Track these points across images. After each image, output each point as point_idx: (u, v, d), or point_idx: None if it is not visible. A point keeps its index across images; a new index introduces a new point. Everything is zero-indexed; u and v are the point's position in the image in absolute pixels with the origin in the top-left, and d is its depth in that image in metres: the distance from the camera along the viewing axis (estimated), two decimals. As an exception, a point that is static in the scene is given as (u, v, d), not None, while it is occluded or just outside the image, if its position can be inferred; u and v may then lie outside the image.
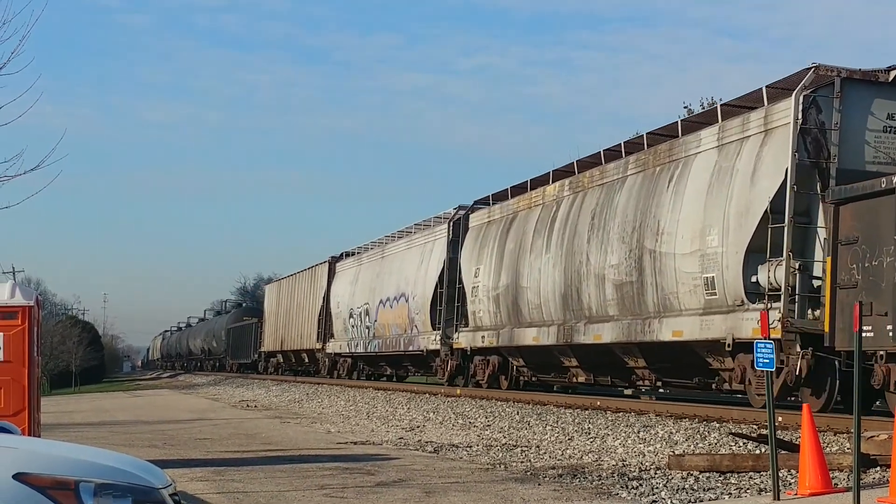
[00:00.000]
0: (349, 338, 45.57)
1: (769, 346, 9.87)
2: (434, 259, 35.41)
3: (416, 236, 39.03)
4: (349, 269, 47.77)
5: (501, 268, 29.11)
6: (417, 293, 36.38)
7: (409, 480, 11.92)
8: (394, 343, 39.17)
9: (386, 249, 42.57)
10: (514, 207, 29.88)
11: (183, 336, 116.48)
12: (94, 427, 23.84)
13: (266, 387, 44.98)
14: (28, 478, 4.73)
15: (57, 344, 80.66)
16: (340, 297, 47.39)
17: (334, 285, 49.10)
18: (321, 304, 50.51)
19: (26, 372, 12.89)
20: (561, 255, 25.54)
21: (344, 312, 46.52)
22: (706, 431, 16.10)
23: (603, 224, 23.67)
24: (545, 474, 12.37)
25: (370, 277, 43.08)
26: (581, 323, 24.43)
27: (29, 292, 13.45)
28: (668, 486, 11.00)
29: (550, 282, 26.01)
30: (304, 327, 53.58)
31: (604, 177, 24.85)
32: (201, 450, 16.60)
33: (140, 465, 5.33)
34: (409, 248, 39.06)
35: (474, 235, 32.28)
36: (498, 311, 29.38)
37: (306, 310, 53.64)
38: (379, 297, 41.10)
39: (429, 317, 35.21)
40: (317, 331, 50.80)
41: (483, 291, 30.44)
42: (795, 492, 9.93)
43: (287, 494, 10.84)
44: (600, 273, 23.55)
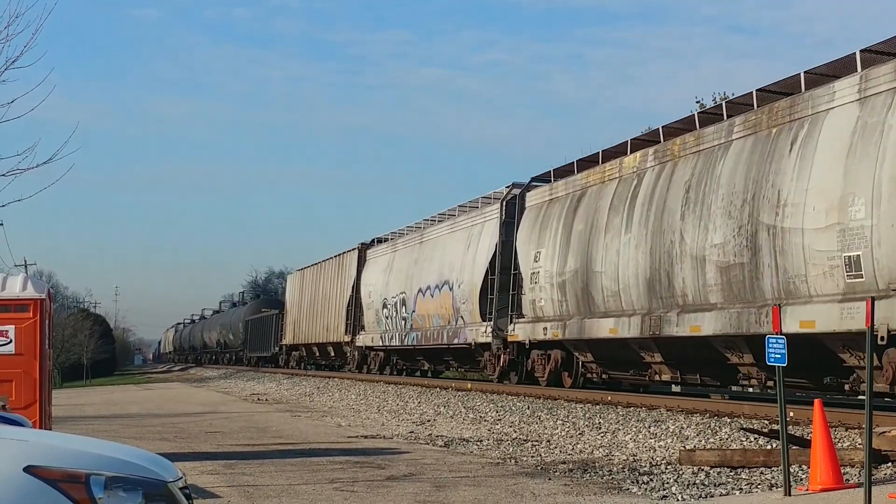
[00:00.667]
0: (382, 330, 42.32)
1: (781, 340, 9.84)
2: (483, 243, 32.25)
3: (460, 219, 35.47)
4: (382, 255, 44.16)
5: (568, 251, 25.80)
6: (464, 280, 33.17)
7: (420, 474, 11.92)
8: (435, 335, 35.89)
9: (425, 234, 39.05)
10: (582, 183, 26.33)
11: (197, 329, 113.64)
12: (105, 420, 23.89)
13: (277, 380, 45.03)
14: (39, 470, 4.74)
15: (68, 337, 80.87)
16: (372, 287, 44.00)
17: (365, 274, 45.80)
18: (350, 293, 47.46)
19: (38, 365, 12.92)
20: (645, 234, 22.24)
21: (376, 303, 43.10)
22: (717, 426, 16.08)
23: (701, 197, 20.37)
24: (556, 469, 12.36)
25: (407, 264, 39.75)
26: (672, 312, 20.99)
27: (41, 285, 13.48)
28: (678, 481, 10.99)
29: (632, 265, 22.72)
30: (331, 319, 50.70)
31: (700, 143, 21.26)
32: (212, 443, 16.62)
33: (151, 458, 5.34)
34: (453, 231, 35.62)
35: (533, 216, 28.73)
36: (564, 299, 26.08)
37: (333, 300, 50.64)
38: (417, 285, 37.83)
39: (477, 306, 32.04)
40: (345, 323, 47.98)
41: (545, 278, 27.10)
42: (806, 487, 9.91)
43: (297, 488, 10.85)
44: (698, 254, 20.24)
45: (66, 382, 71.67)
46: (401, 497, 10.14)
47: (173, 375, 76.58)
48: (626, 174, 24.08)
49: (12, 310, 12.94)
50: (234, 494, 10.41)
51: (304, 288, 58.02)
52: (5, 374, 12.74)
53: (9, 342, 12.87)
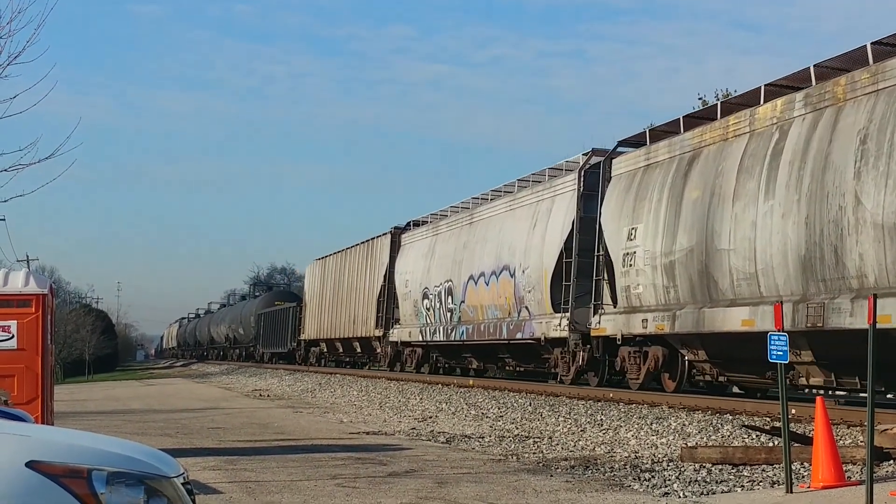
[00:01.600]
0: (422, 323, 37.21)
1: (783, 338, 9.84)
2: (556, 221, 27.13)
3: (523, 194, 30.36)
4: (420, 240, 39.04)
5: (678, 225, 21.05)
6: (529, 265, 28.12)
7: (422, 471, 11.93)
8: (491, 329, 30.80)
9: (476, 214, 33.78)
10: (693, 142, 21.51)
11: (203, 323, 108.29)
12: (107, 415, 23.92)
13: (279, 376, 45.05)
14: (41, 465, 4.74)
15: (70, 332, 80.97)
16: (410, 275, 38.81)
17: (400, 261, 40.72)
18: (381, 283, 42.65)
19: (40, 360, 12.95)
20: (797, 200, 17.69)
21: (415, 293, 38.06)
22: (719, 424, 16.08)
23: (888, 149, 15.88)
24: (557, 466, 12.36)
25: (453, 249, 34.68)
26: (843, 298, 16.49)
27: (43, 280, 13.50)
28: (680, 478, 10.99)
29: (777, 240, 18.10)
30: (358, 311, 45.72)
31: (879, 79, 16.58)
32: (214, 439, 16.64)
33: (152, 453, 5.34)
34: (513, 208, 30.47)
35: (623, 185, 23.73)
36: (672, 284, 21.26)
37: (361, 291, 45.76)
38: (468, 272, 32.72)
39: (548, 295, 27.02)
40: (375, 316, 43.02)
41: (644, 259, 22.22)
42: (808, 485, 9.91)
43: (299, 484, 10.85)
44: (886, 221, 15.74)
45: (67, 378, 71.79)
46: (402, 493, 10.15)
47: (175, 371, 76.64)
48: (762, 127, 19.42)
49: (14, 305, 12.96)
50: (236, 490, 10.41)
51: (325, 278, 53.19)
52: (7, 369, 12.77)
53: (11, 337, 12.89)
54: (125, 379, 63.95)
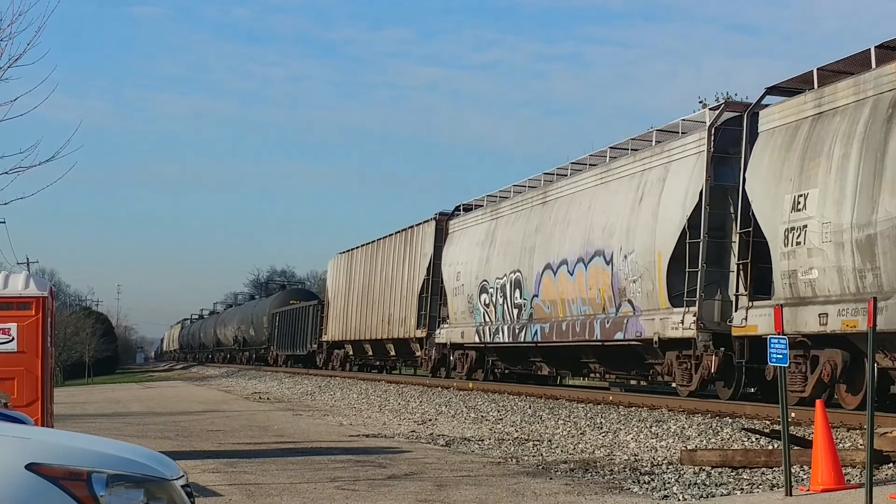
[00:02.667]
0: (479, 322, 31.87)
1: (783, 341, 9.84)
2: (673, 191, 21.86)
3: (621, 163, 24.66)
4: (474, 225, 33.67)
5: (879, 187, 16.18)
6: (635, 248, 22.81)
7: (421, 474, 11.93)
8: (577, 328, 25.31)
9: (551, 191, 28.30)
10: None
11: (208, 324, 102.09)
12: (107, 418, 23.91)
13: (279, 379, 45.04)
14: (40, 468, 4.74)
15: (70, 335, 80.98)
16: (462, 266, 33.35)
17: (448, 251, 35.25)
18: (424, 277, 37.35)
19: (39, 362, 12.95)
20: None
21: (469, 286, 32.72)
22: (719, 426, 16.08)
23: None
24: (557, 468, 12.36)
25: (521, 234, 29.32)
26: None
27: (43, 283, 13.50)
28: (680, 480, 10.99)
29: None
30: (394, 310, 40.57)
31: None
32: (214, 441, 16.63)
33: (152, 456, 5.34)
34: (606, 181, 25.04)
35: (782, 141, 18.79)
36: (871, 266, 16.28)
37: (398, 287, 40.43)
38: (542, 260, 27.45)
39: (663, 285, 21.81)
40: (416, 314, 37.72)
41: (822, 234, 17.32)
42: (808, 488, 9.91)
43: (299, 487, 10.85)
44: None
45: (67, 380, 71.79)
46: (402, 496, 10.15)
47: (175, 374, 76.63)
48: None
49: (14, 307, 12.97)
50: (236, 493, 10.41)
51: (353, 273, 47.83)
52: (7, 371, 12.77)
53: (11, 340, 12.89)
54: (125, 382, 63.93)
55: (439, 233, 36.81)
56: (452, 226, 36.01)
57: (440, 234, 36.75)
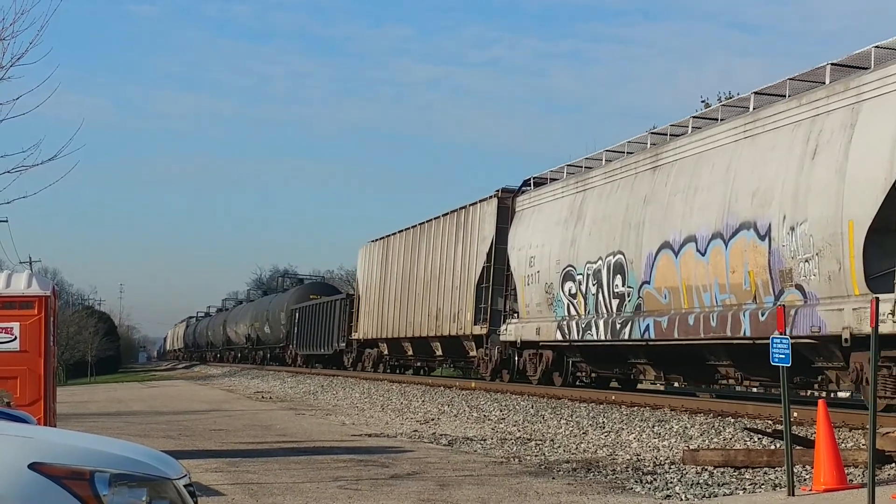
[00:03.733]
0: (560, 316, 26.24)
1: (785, 340, 9.84)
2: (868, 140, 16.59)
3: (776, 110, 19.13)
4: (553, 200, 27.83)
5: None
6: (808, 217, 17.55)
7: (424, 473, 11.93)
8: (714, 322, 19.74)
9: (665, 153, 22.59)
10: None
11: (216, 322, 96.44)
12: (110, 417, 23.93)
13: (281, 378, 45.04)
14: (43, 467, 4.75)
15: (73, 334, 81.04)
16: (537, 250, 27.92)
17: (516, 232, 29.65)
18: (483, 264, 31.87)
19: (42, 362, 12.96)
20: None
21: (547, 274, 27.04)
22: (721, 426, 16.08)
23: None
24: (559, 468, 12.36)
25: (622, 207, 23.65)
26: None
27: (45, 282, 13.51)
28: (682, 480, 10.99)
29: None
30: (444, 303, 35.19)
31: None
32: (216, 441, 16.64)
33: (155, 455, 5.35)
34: (752, 134, 19.74)
35: None
36: None
37: (448, 276, 35.02)
38: (656, 238, 21.89)
39: (855, 264, 16.55)
40: (474, 308, 32.20)
41: None
42: (810, 487, 9.91)
43: (301, 486, 10.86)
44: None
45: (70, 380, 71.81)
46: (404, 496, 10.15)
47: (177, 373, 76.64)
48: None
49: (17, 307, 12.97)
50: (238, 492, 10.42)
51: (389, 262, 42.59)
52: (10, 370, 12.78)
53: (13, 339, 12.90)
54: (127, 381, 63.96)
55: (503, 212, 31.23)
56: (521, 203, 30.16)
57: (504, 213, 31.17)
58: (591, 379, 27.53)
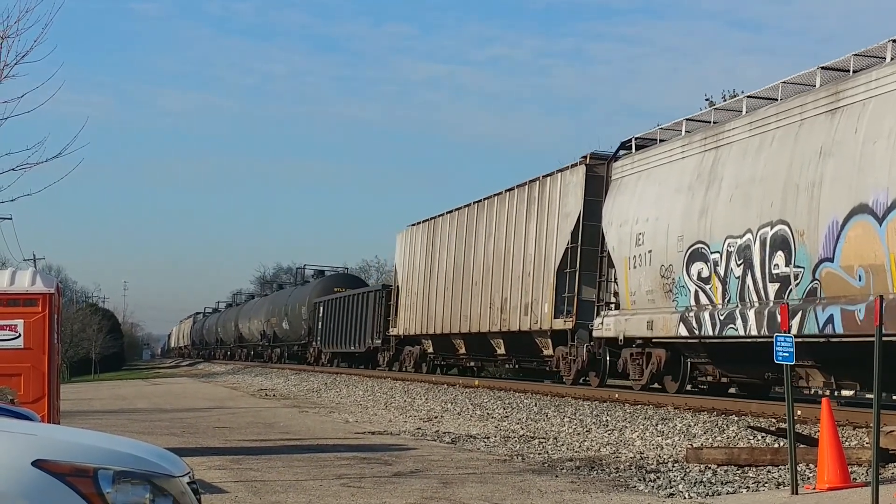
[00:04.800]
0: (684, 305, 21.10)
1: (789, 339, 9.83)
2: None
3: None
4: (669, 163, 22.53)
5: None
6: None
7: (427, 471, 11.94)
8: None
9: (847, 90, 17.31)
10: None
11: (227, 317, 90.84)
12: (114, 414, 23.95)
13: (285, 376, 45.07)
14: (47, 464, 4.75)
15: (77, 331, 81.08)
16: (647, 225, 22.67)
17: (615, 205, 24.37)
18: (566, 245, 26.74)
19: (46, 359, 12.97)
20: None
21: (663, 253, 21.92)
22: (724, 425, 16.07)
23: None
24: (563, 466, 12.36)
25: (783, 164, 18.55)
26: None
27: (49, 280, 13.52)
28: (685, 478, 10.99)
29: None
30: (512, 292, 29.93)
31: None
32: (220, 438, 16.66)
33: (158, 452, 5.35)
34: None
35: None
36: None
37: (517, 261, 29.80)
38: (847, 200, 16.80)
39: None
40: (553, 297, 27.06)
41: None
42: (814, 486, 9.91)
43: (304, 483, 10.87)
44: None
45: (74, 377, 71.88)
46: (407, 493, 10.16)
47: (181, 370, 76.70)
48: None
49: (21, 304, 12.98)
50: (242, 489, 10.43)
51: (436, 248, 37.50)
52: (14, 368, 12.79)
53: (17, 336, 12.91)
54: (131, 378, 64.02)
55: (593, 182, 26.22)
56: (620, 169, 24.90)
57: (595, 183, 26.14)
58: (708, 384, 23.08)
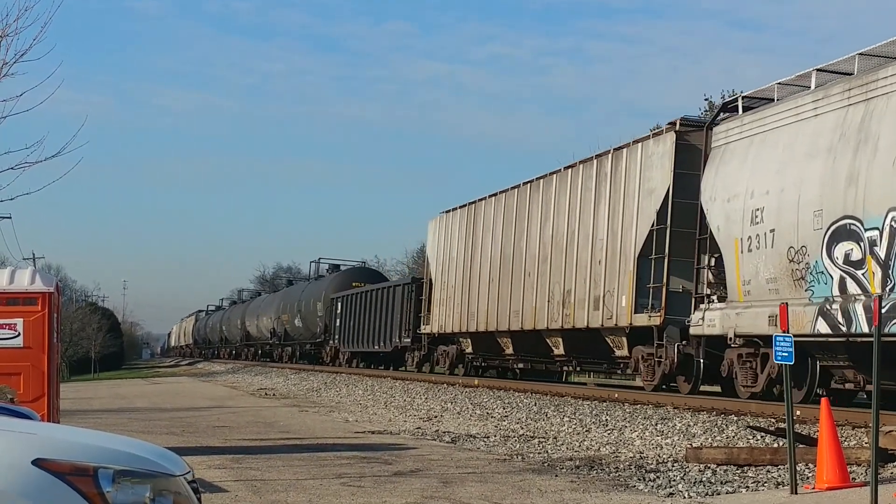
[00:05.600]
0: (823, 296, 17.33)
1: (788, 339, 9.84)
2: None
3: None
4: (792, 123, 18.87)
5: None
6: None
7: (427, 470, 11.94)
8: None
9: None
10: None
11: (233, 315, 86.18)
12: (113, 414, 23.95)
13: (284, 375, 45.07)
14: (47, 463, 4.75)
15: (77, 330, 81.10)
16: (767, 199, 19.02)
17: (719, 177, 20.71)
18: (650, 227, 22.91)
19: (46, 358, 12.97)
20: None
21: (792, 232, 18.20)
22: (724, 424, 16.08)
23: None
24: (562, 466, 12.37)
25: None
26: None
27: (49, 279, 13.53)
28: (685, 478, 10.99)
29: None
30: (579, 282, 25.95)
31: None
32: (219, 437, 16.66)
33: (158, 451, 5.35)
34: None
35: None
36: None
37: (586, 246, 25.85)
38: None
39: None
40: (633, 288, 23.39)
41: None
42: (813, 486, 9.91)
43: (304, 483, 10.87)
44: None
45: (74, 376, 71.90)
46: (407, 492, 10.16)
47: (181, 370, 76.70)
48: None
49: (21, 303, 12.98)
50: (242, 489, 10.43)
51: (477, 235, 33.55)
52: (13, 367, 12.79)
53: (17, 335, 12.91)
54: (131, 377, 64.03)
55: (686, 152, 22.41)
56: (724, 134, 21.11)
57: (689, 153, 22.35)
58: (841, 391, 18.93)
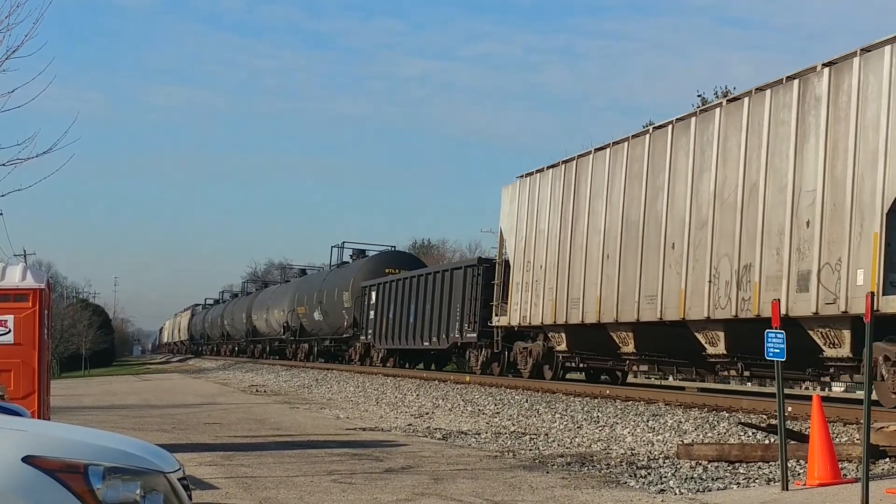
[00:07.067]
0: None
1: (780, 335, 9.85)
2: None
3: None
4: None
5: None
6: None
7: (418, 467, 11.93)
8: None
9: None
10: None
11: (236, 308, 77.60)
12: (104, 411, 23.90)
13: (275, 372, 45.04)
14: (37, 460, 4.74)
15: (67, 327, 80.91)
16: None
17: None
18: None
19: (36, 354, 12.94)
20: None
21: None
22: (715, 421, 16.09)
23: None
24: (554, 462, 12.37)
25: None
26: None
27: (40, 275, 13.49)
28: (676, 474, 11.00)
29: None
30: (766, 254, 18.56)
31: None
32: (210, 434, 16.63)
33: (149, 448, 5.34)
34: None
35: None
36: None
37: (776, 204, 18.42)
38: None
39: None
40: (877, 261, 15.80)
41: None
42: (804, 482, 9.93)
43: (295, 480, 10.86)
44: None
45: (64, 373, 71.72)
46: (398, 489, 10.15)
47: (171, 366, 76.59)
48: None
49: (11, 299, 12.95)
50: (233, 486, 10.42)
51: (580, 199, 26.13)
52: (4, 363, 12.76)
53: (7, 332, 12.88)
54: (122, 374, 63.93)
55: None
56: None
57: None
58: None
